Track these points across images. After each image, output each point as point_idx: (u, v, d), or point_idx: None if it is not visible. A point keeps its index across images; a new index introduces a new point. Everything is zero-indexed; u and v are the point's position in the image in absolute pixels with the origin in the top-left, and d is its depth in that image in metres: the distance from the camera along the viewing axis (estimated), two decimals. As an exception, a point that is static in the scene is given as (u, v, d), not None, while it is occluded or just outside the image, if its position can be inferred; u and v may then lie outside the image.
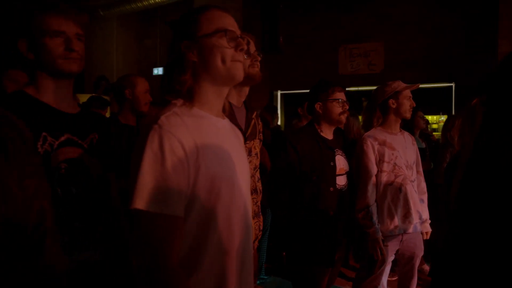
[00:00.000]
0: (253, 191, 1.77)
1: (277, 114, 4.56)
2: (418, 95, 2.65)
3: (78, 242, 1.25)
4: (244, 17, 6.08)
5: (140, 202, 0.90)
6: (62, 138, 1.24)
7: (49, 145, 1.20)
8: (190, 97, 1.05)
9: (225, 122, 1.15)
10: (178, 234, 0.97)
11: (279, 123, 4.98)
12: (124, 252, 1.39)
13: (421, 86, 2.66)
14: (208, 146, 1.01)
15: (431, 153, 4.05)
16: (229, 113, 1.22)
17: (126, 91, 2.30)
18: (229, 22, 1.11)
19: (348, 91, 5.60)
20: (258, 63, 1.72)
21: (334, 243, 2.15)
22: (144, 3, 6.32)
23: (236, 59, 1.08)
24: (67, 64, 1.25)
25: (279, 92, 6.43)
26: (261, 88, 5.92)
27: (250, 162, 1.68)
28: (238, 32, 1.12)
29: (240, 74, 1.10)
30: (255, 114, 1.87)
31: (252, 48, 1.71)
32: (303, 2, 5.94)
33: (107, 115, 3.51)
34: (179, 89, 1.04)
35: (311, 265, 2.10)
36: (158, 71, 7.31)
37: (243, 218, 1.13)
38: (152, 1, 6.23)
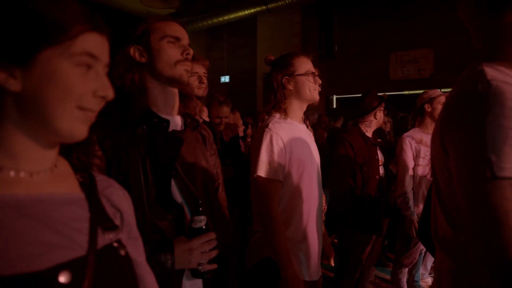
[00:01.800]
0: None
1: (340, 117, 5.19)
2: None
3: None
4: (302, 30, 6.75)
5: (260, 171, 1.64)
6: None
7: None
8: (285, 112, 1.77)
9: (304, 126, 1.87)
10: (278, 193, 1.70)
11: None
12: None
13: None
14: (296, 141, 1.73)
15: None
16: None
17: None
18: (312, 66, 1.82)
19: (399, 94, 6.07)
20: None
21: (377, 218, 2.80)
22: (214, 20, 7.19)
23: (316, 88, 1.80)
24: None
25: (334, 97, 7.02)
26: (319, 93, 6.56)
27: None
28: (317, 71, 1.83)
29: (316, 96, 1.82)
30: (307, 121, 2.57)
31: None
32: (356, 14, 6.48)
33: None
34: (279, 107, 1.76)
35: (359, 232, 2.77)
36: (224, 79, 8.19)
37: (318, 192, 1.83)
38: (220, 19, 7.08)
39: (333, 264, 2.12)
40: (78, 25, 0.62)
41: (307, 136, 1.85)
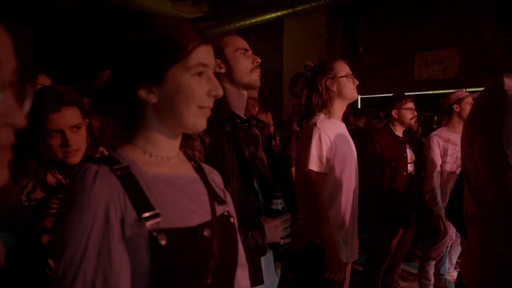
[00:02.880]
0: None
1: (362, 116, 5.34)
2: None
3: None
4: (328, 32, 6.92)
5: (311, 165, 1.85)
6: None
7: None
8: (328, 112, 1.98)
9: (344, 125, 2.07)
10: (325, 185, 1.90)
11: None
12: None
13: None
14: (340, 138, 1.94)
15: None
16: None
17: None
18: (349, 68, 2.03)
19: (424, 94, 6.15)
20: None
21: (405, 212, 2.98)
22: (241, 23, 7.41)
23: (355, 88, 2.01)
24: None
25: (359, 97, 7.16)
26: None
27: None
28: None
29: (356, 95, 2.02)
30: None
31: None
32: (380, 16, 6.60)
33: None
34: (324, 107, 1.96)
35: (388, 225, 2.95)
36: (250, 80, 8.40)
37: (355, 185, 2.03)
38: (248, 22, 7.29)
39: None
40: (191, 42, 0.81)
41: (346, 133, 2.06)
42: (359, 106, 7.11)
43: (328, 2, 6.17)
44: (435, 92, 6.05)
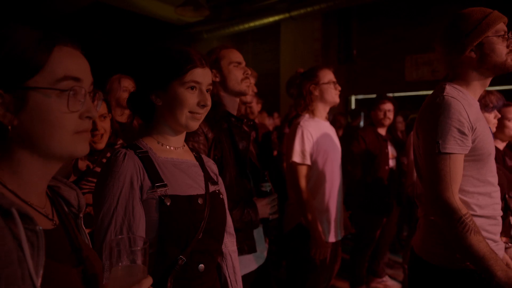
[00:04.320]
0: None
1: (358, 116, 5.66)
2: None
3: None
4: (323, 35, 7.22)
5: (294, 158, 2.17)
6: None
7: None
8: (312, 113, 2.28)
9: (328, 123, 2.37)
10: (307, 174, 2.21)
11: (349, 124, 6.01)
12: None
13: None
14: (321, 135, 2.24)
15: None
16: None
17: None
18: (333, 76, 2.31)
19: (415, 95, 6.40)
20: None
21: (386, 202, 3.29)
22: (240, 27, 7.71)
23: (336, 94, 2.29)
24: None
25: (353, 97, 7.47)
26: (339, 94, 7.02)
27: None
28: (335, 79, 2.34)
29: (337, 100, 2.31)
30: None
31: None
32: (374, 20, 6.91)
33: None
34: (309, 108, 2.27)
35: (370, 215, 3.27)
36: (249, 81, 8.70)
37: (339, 175, 2.33)
38: (246, 26, 7.59)
39: (353, 231, 2.64)
40: (189, 65, 1.14)
41: (330, 131, 2.37)
42: (353, 106, 7.42)
43: (323, 7, 6.47)
44: (424, 93, 6.35)
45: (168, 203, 1.06)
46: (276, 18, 7.06)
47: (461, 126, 1.32)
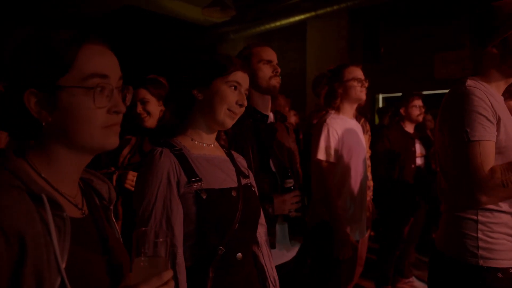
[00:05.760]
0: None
1: (387, 115, 5.56)
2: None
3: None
4: (349, 33, 7.17)
5: (319, 155, 2.19)
6: None
7: None
8: (338, 109, 2.31)
9: (354, 121, 2.39)
10: (332, 172, 2.23)
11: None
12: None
13: None
14: (347, 132, 2.25)
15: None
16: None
17: None
18: (360, 72, 2.33)
19: (445, 93, 6.30)
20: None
21: (413, 201, 3.25)
22: (266, 26, 7.75)
23: (362, 91, 2.31)
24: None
25: (380, 96, 7.37)
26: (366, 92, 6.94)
27: None
28: (363, 77, 2.34)
29: (363, 97, 2.33)
30: (362, 120, 3.08)
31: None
32: (401, 16, 6.79)
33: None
34: (333, 105, 2.30)
35: (397, 214, 3.24)
36: (275, 80, 8.72)
37: (363, 172, 2.34)
38: (272, 25, 7.62)
39: (369, 231, 2.64)
40: (233, 66, 1.24)
41: (357, 128, 2.38)
42: (380, 105, 7.32)
43: (349, 5, 6.43)
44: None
45: (204, 197, 1.12)
46: (302, 17, 7.06)
47: (486, 113, 1.32)
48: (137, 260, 0.77)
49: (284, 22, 7.40)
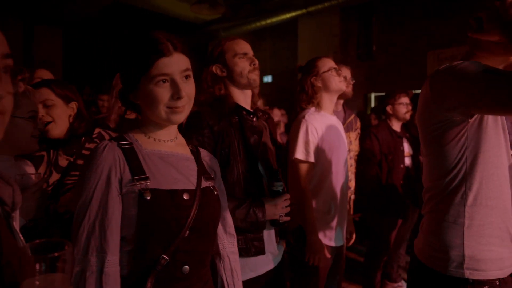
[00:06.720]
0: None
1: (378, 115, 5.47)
2: None
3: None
4: (342, 31, 7.04)
5: (297, 154, 2.04)
6: None
7: None
8: (318, 106, 2.16)
9: (335, 117, 2.24)
10: (310, 172, 2.09)
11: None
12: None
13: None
14: (327, 129, 2.11)
15: None
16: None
17: None
18: (333, 63, 2.19)
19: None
20: (351, 85, 2.80)
21: (402, 203, 3.12)
22: (257, 24, 7.61)
23: (341, 80, 2.17)
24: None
25: (373, 94, 7.25)
26: (357, 92, 6.83)
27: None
28: (338, 67, 2.20)
29: (343, 89, 2.19)
30: (352, 116, 2.94)
31: (348, 75, 2.78)
32: (394, 14, 6.67)
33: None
34: (313, 101, 2.15)
35: (386, 216, 3.10)
36: (267, 79, 8.62)
37: (344, 173, 2.20)
38: (263, 23, 7.48)
39: (353, 238, 2.49)
40: (152, 56, 1.03)
41: (338, 125, 2.23)
42: (372, 104, 7.20)
43: (341, 2, 6.29)
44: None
45: (148, 197, 0.98)
46: (293, 14, 6.92)
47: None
48: (27, 282, 0.64)
49: (275, 19, 7.26)
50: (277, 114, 4.92)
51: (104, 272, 0.94)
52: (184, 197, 1.04)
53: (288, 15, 7.01)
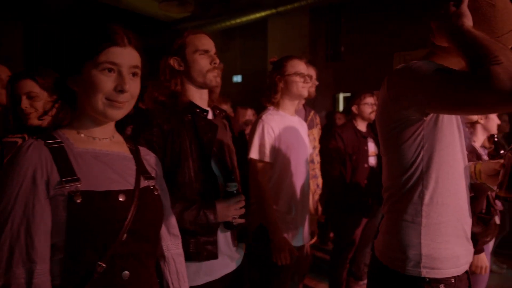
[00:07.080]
0: (311, 161, 2.85)
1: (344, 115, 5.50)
2: None
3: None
4: (311, 32, 7.08)
5: (252, 154, 2.02)
6: None
7: None
8: (277, 105, 2.14)
9: (296, 118, 2.23)
10: (268, 172, 2.07)
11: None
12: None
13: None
14: (286, 129, 2.10)
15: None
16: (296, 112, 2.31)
17: None
18: (303, 67, 2.16)
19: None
20: (315, 86, 2.80)
21: (366, 202, 3.15)
22: (227, 23, 7.56)
23: (304, 86, 2.15)
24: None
25: (341, 95, 7.34)
26: (326, 92, 6.89)
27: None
28: (306, 72, 2.18)
29: (304, 93, 2.16)
30: (312, 112, 2.94)
31: (314, 75, 2.76)
32: (362, 16, 6.77)
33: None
34: (273, 101, 2.13)
35: (351, 215, 3.12)
36: (237, 78, 8.57)
37: (304, 173, 2.19)
38: (233, 22, 7.44)
39: (315, 238, 2.48)
40: (104, 42, 0.99)
41: (298, 125, 2.21)
42: (341, 105, 7.28)
43: (310, 3, 6.33)
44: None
45: (79, 200, 0.91)
46: (263, 14, 6.92)
47: None
48: None
49: (244, 19, 7.23)
50: (249, 114, 4.90)
51: (34, 284, 0.87)
52: (120, 199, 0.98)
53: (258, 15, 7.00)
